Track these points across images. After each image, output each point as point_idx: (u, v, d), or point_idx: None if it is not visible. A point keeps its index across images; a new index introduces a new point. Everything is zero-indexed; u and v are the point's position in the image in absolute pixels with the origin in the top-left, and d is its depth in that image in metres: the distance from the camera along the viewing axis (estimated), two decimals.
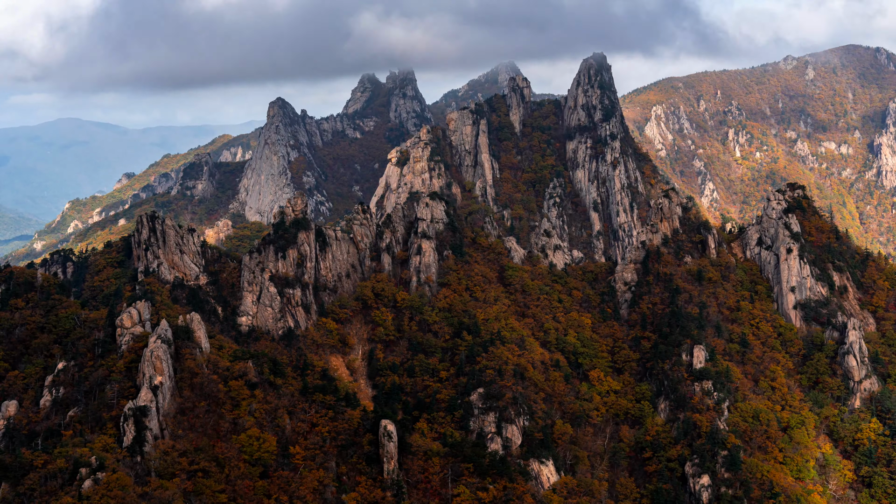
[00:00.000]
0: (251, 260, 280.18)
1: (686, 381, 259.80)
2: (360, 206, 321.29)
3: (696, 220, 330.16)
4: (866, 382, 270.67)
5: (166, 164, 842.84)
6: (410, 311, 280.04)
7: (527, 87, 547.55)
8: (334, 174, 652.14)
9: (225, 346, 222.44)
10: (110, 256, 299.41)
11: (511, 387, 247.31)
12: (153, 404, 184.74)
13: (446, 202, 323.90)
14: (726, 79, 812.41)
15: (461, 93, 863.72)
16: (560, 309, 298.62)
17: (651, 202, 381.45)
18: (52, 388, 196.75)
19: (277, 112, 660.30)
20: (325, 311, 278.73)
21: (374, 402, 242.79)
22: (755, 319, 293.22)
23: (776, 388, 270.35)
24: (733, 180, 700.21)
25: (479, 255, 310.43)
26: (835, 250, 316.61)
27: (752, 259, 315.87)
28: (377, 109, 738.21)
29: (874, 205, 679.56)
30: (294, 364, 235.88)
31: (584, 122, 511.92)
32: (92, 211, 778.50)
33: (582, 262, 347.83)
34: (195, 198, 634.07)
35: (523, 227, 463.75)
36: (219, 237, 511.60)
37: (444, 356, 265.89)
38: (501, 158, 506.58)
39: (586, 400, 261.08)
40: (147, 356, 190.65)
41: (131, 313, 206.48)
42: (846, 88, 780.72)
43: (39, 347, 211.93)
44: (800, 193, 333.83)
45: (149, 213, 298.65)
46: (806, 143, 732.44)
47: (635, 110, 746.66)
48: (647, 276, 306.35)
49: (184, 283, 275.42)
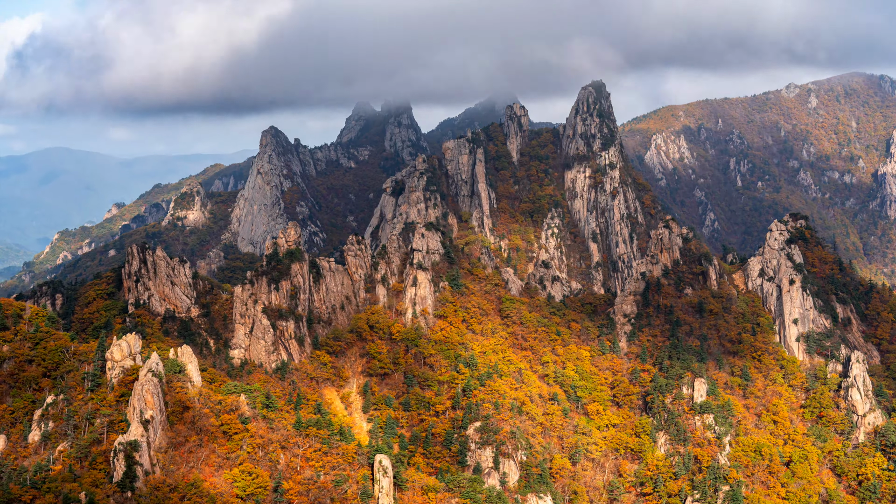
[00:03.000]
0: (244, 292, 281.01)
1: (687, 415, 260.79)
2: (354, 237, 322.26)
3: (697, 250, 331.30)
4: (870, 416, 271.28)
5: (157, 193, 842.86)
6: (406, 343, 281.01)
7: (524, 115, 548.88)
8: (328, 204, 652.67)
9: (217, 380, 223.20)
10: (100, 288, 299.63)
11: (508, 421, 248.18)
12: (144, 439, 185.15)
13: (442, 233, 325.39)
14: (727, 107, 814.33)
15: (457, 121, 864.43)
16: (558, 341, 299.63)
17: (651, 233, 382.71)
18: (41, 423, 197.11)
19: (270, 141, 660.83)
20: (319, 344, 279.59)
21: (369, 436, 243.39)
22: (757, 352, 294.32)
23: (778, 421, 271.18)
24: (735, 210, 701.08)
25: (475, 287, 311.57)
26: (838, 282, 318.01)
27: (754, 290, 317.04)
28: (372, 138, 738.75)
29: (878, 235, 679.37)
30: (287, 398, 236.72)
31: (583, 151, 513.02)
32: (81, 242, 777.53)
33: (581, 293, 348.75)
34: (186, 228, 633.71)
35: (521, 258, 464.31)
36: (211, 268, 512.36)
37: (440, 389, 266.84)
38: (499, 188, 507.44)
39: (585, 434, 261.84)
40: (137, 390, 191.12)
41: (121, 346, 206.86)
42: (850, 116, 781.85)
43: (28, 381, 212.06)
44: (802, 224, 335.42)
45: (139, 243, 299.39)
46: (809, 172, 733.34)
47: (635, 139, 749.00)
48: (647, 307, 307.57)
49: (175, 315, 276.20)
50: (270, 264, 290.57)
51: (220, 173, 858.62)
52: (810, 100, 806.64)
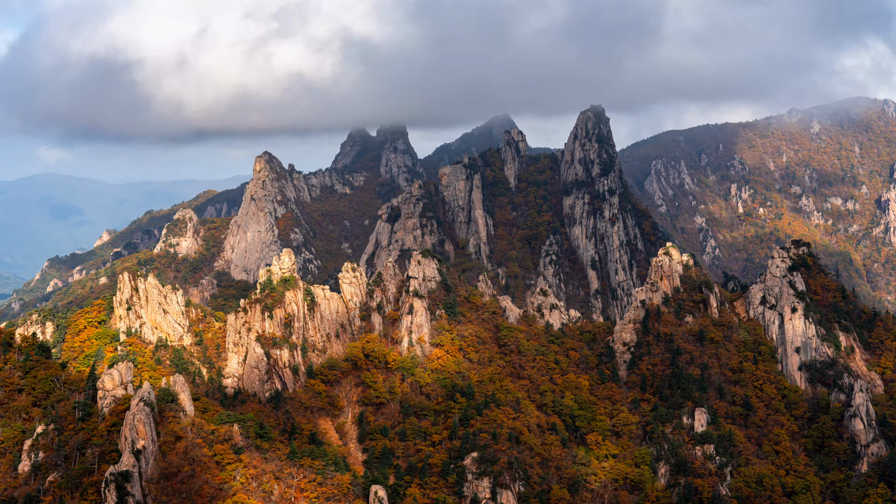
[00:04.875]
0: (237, 320, 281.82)
1: (687, 445, 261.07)
2: (349, 264, 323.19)
3: (698, 278, 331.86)
4: (874, 446, 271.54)
5: (149, 220, 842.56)
6: (402, 372, 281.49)
7: (522, 140, 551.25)
8: (323, 231, 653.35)
9: (210, 409, 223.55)
10: (91, 316, 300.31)
11: (506, 451, 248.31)
12: (135, 469, 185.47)
13: (439, 260, 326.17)
14: (728, 132, 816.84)
15: (454, 146, 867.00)
16: (557, 370, 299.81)
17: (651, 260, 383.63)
18: (31, 453, 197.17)
19: (264, 166, 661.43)
20: (314, 373, 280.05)
21: (365, 467, 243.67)
22: (758, 381, 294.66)
23: (780, 451, 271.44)
24: (736, 237, 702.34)
25: (472, 315, 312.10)
26: (841, 309, 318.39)
27: (756, 318, 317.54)
28: (367, 164, 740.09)
29: (882, 262, 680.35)
30: (281, 427, 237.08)
31: (582, 177, 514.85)
32: (72, 269, 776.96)
33: (579, 321, 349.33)
34: (179, 255, 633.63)
35: (518, 285, 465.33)
36: (203, 296, 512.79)
37: (436, 419, 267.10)
38: (496, 214, 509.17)
39: (584, 464, 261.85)
40: (129, 419, 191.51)
41: (113, 375, 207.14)
42: (853, 142, 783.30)
43: (17, 410, 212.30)
44: (805, 251, 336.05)
45: (131, 271, 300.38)
46: (811, 199, 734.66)
47: (634, 164, 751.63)
48: (646, 336, 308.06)
49: (167, 343, 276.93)
50: (264, 292, 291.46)
51: (212, 199, 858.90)
52: (813, 125, 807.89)
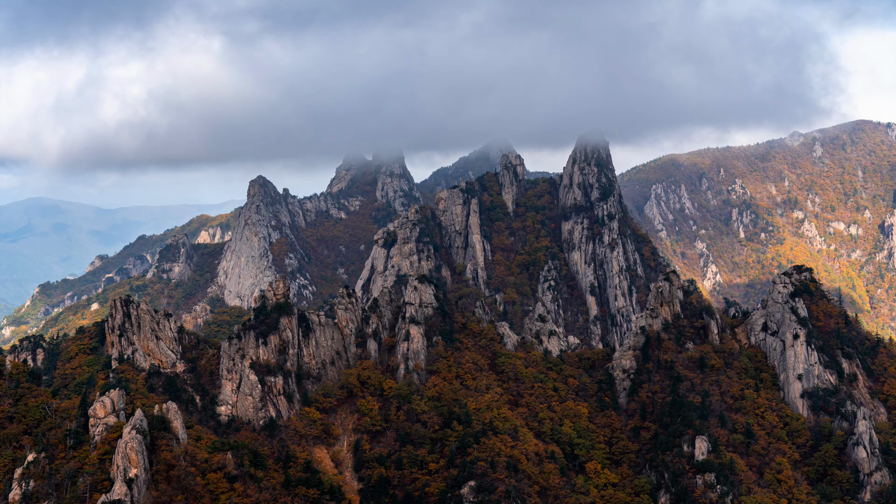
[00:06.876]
0: (231, 346, 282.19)
1: (688, 474, 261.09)
2: (344, 290, 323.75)
3: (698, 304, 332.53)
4: (877, 475, 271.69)
5: (141, 245, 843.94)
6: (398, 399, 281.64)
7: (520, 164, 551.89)
8: (318, 256, 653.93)
9: (203, 437, 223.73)
10: (82, 343, 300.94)
11: (504, 480, 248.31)
12: (128, 498, 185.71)
13: (436, 285, 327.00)
14: (730, 156, 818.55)
15: (451, 170, 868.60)
16: (555, 398, 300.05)
17: (651, 285, 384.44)
18: (22, 482, 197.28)
19: (258, 191, 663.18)
20: (309, 400, 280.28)
21: (361, 496, 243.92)
22: (760, 409, 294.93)
23: (782, 480, 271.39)
24: (737, 262, 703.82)
25: (470, 342, 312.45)
26: (844, 336, 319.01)
27: (757, 345, 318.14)
28: (363, 188, 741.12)
29: (885, 288, 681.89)
30: (276, 456, 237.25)
31: (581, 202, 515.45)
32: (63, 295, 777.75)
33: (578, 348, 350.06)
34: (172, 281, 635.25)
35: (516, 311, 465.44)
36: (197, 322, 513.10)
37: (433, 447, 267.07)
38: (493, 239, 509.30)
39: (583, 493, 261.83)
40: (121, 447, 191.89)
41: (105, 402, 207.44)
42: (856, 166, 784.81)
43: (8, 438, 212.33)
44: (807, 276, 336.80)
45: (123, 297, 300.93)
46: (813, 224, 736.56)
47: (634, 188, 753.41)
48: (646, 363, 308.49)
49: (160, 370, 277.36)
50: (258, 318, 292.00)
51: (206, 224, 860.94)
52: (815, 149, 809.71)
